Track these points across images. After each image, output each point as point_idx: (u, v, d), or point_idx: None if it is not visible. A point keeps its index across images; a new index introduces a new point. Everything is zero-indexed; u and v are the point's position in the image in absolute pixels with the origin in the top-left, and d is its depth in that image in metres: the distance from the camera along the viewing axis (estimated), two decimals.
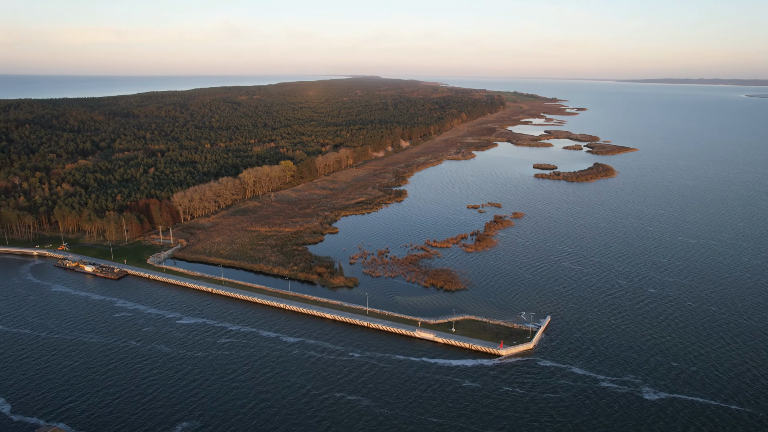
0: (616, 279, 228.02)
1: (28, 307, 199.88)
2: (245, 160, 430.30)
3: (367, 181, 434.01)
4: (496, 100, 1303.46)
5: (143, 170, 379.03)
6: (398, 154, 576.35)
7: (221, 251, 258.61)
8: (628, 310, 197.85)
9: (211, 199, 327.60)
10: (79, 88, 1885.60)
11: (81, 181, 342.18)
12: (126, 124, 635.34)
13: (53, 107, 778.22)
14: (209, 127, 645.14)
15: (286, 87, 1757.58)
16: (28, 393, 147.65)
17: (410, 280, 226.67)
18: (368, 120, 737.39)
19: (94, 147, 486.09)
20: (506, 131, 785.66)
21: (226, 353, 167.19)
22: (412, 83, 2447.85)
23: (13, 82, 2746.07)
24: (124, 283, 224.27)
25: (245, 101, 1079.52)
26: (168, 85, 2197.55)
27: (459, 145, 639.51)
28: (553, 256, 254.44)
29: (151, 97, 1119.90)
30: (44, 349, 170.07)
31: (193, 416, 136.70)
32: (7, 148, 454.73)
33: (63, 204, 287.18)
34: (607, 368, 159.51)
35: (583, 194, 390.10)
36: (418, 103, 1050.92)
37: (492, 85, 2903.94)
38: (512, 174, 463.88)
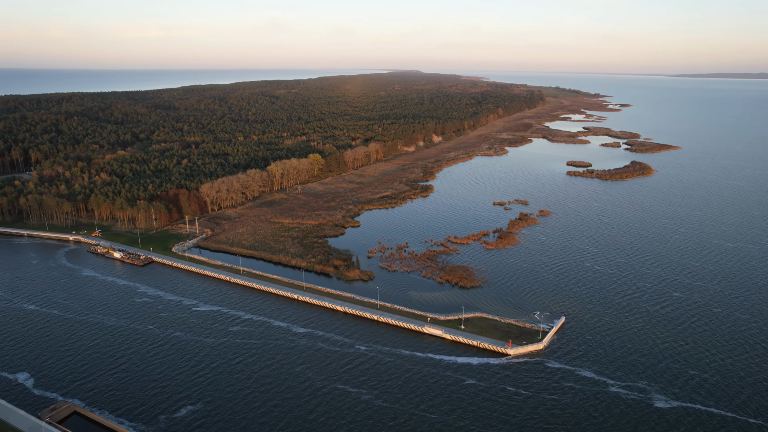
0: (639, 281, 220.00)
1: (59, 289, 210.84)
2: (275, 153, 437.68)
3: (395, 175, 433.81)
4: (536, 95, 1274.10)
5: (176, 161, 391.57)
6: (429, 149, 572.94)
7: (243, 241, 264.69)
8: (648, 314, 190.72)
9: (238, 191, 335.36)
10: (127, 82, 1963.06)
11: (118, 170, 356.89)
12: (166, 117, 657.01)
13: (101, 100, 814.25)
14: (245, 120, 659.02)
15: (325, 81, 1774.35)
16: (50, 369, 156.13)
17: (426, 276, 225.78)
18: (402, 114, 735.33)
19: (133, 138, 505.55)
20: (543, 127, 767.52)
21: (236, 341, 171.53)
22: (452, 78, 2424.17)
23: (69, 77, 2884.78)
24: (149, 269, 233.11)
25: (283, 95, 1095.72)
26: (211, 78, 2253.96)
27: (492, 140, 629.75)
28: (575, 256, 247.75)
29: (194, 91, 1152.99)
30: (68, 329, 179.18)
31: (198, 400, 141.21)
32: (56, 138, 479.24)
33: (99, 192, 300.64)
34: (619, 373, 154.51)
35: (615, 193, 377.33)
36: (455, 98, 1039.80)
37: (533, 80, 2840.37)
38: (543, 171, 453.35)
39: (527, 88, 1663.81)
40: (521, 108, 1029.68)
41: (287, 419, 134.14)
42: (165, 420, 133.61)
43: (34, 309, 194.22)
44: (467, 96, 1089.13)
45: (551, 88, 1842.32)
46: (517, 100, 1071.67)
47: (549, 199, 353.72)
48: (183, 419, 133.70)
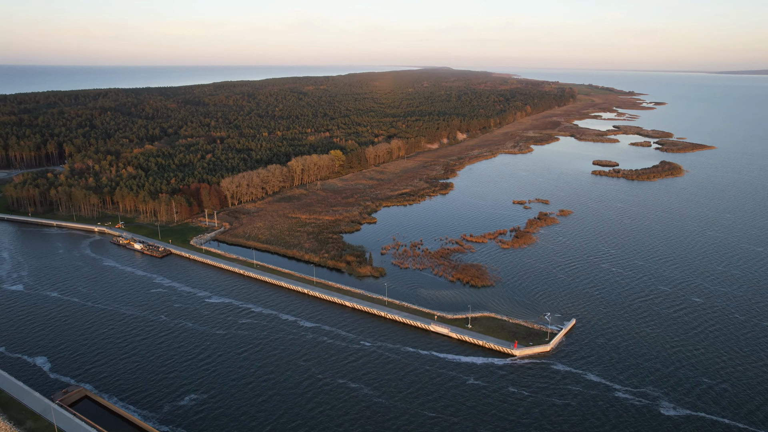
0: (657, 284, 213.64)
1: (80, 278, 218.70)
2: (298, 149, 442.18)
3: (416, 172, 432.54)
4: (567, 92, 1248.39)
5: (201, 156, 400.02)
6: (453, 147, 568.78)
7: (260, 236, 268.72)
8: (663, 319, 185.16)
9: (258, 186, 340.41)
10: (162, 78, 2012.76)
11: (144, 164, 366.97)
12: (195, 112, 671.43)
13: (135, 96, 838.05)
14: (271, 116, 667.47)
15: (355, 78, 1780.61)
16: (65, 354, 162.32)
17: (437, 274, 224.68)
18: (427, 111, 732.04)
19: (162, 133, 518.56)
20: (571, 125, 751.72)
21: (243, 333, 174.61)
22: (482, 75, 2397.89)
23: (108, 73, 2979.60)
24: (167, 261, 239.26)
25: (311, 91, 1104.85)
26: (242, 74, 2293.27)
27: (518, 138, 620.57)
28: (592, 257, 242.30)
29: (224, 87, 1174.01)
30: (86, 316, 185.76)
31: (201, 389, 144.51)
32: (89, 133, 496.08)
33: (124, 185, 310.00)
34: (627, 378, 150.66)
35: (640, 193, 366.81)
36: (483, 95, 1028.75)
37: (566, 77, 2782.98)
38: (568, 170, 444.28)
39: (558, 85, 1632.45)
40: (551, 106, 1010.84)
41: (285, 410, 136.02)
42: (169, 407, 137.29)
43: (56, 296, 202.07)
44: (496, 93, 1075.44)
45: (583, 85, 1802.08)
46: (546, 97, 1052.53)
47: (571, 199, 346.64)
48: (186, 407, 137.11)
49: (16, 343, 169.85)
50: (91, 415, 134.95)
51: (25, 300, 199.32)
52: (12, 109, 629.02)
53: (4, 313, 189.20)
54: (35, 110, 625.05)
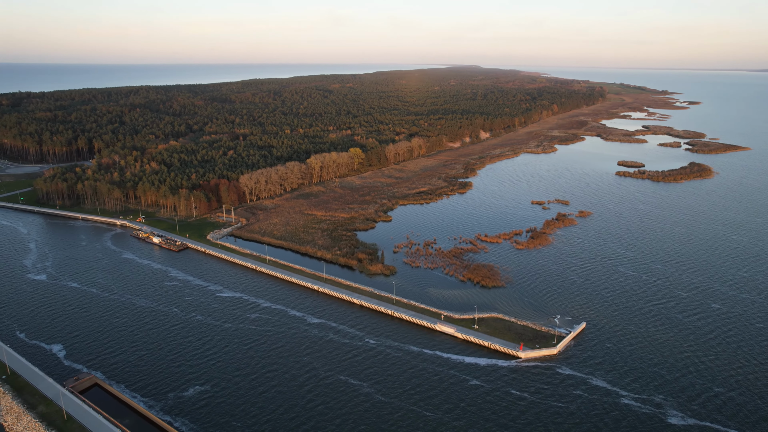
0: (675, 289, 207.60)
1: (100, 269, 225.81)
2: (318, 146, 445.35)
3: (435, 171, 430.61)
4: (596, 91, 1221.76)
5: (223, 152, 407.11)
6: (475, 146, 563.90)
7: (275, 232, 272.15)
8: (677, 324, 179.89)
9: (276, 182, 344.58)
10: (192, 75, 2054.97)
11: (167, 160, 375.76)
12: (221, 109, 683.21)
13: (165, 93, 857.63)
14: (295, 114, 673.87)
15: (381, 76, 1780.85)
16: (80, 343, 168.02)
17: (448, 273, 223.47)
18: (451, 110, 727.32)
19: (187, 129, 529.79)
20: (598, 125, 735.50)
21: (251, 327, 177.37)
22: (511, 73, 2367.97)
23: (141, 71, 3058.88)
24: (183, 255, 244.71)
25: (337, 89, 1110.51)
26: (271, 72, 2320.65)
27: (542, 138, 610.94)
28: (608, 259, 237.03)
29: (252, 84, 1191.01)
30: (102, 306, 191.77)
31: (206, 381, 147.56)
32: (118, 129, 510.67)
33: (146, 180, 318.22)
34: (635, 384, 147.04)
35: (665, 195, 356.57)
36: (509, 93, 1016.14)
37: (597, 75, 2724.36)
38: (591, 170, 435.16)
39: (588, 84, 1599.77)
40: (578, 105, 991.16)
41: (284, 403, 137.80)
42: (173, 397, 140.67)
43: (76, 286, 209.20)
44: (523, 92, 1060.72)
45: (615, 84, 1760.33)
46: (574, 96, 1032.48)
47: (591, 200, 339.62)
48: (189, 398, 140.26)
49: (35, 330, 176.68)
50: (100, 402, 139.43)
51: (47, 289, 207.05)
52: (49, 106, 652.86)
53: (27, 301, 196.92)
54: (70, 107, 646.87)
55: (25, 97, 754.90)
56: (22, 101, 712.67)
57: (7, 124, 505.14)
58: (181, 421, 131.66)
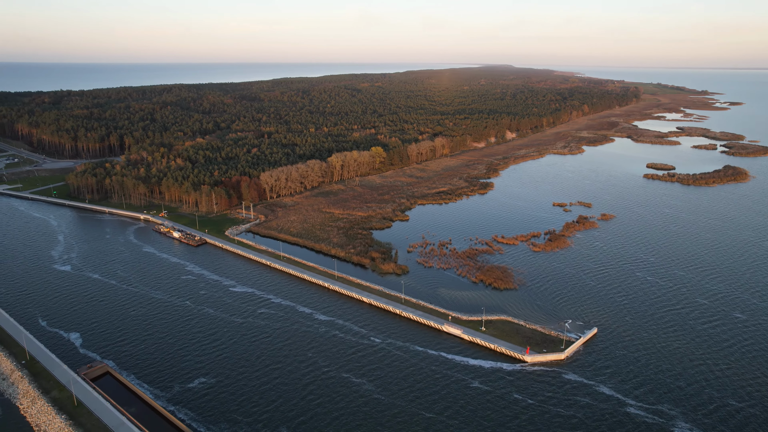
0: (695, 297, 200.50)
1: (120, 262, 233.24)
2: (341, 145, 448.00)
3: (457, 171, 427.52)
4: (630, 92, 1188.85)
5: (247, 150, 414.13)
6: (500, 146, 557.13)
7: (292, 229, 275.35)
8: (694, 333, 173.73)
9: (296, 180, 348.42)
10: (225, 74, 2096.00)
11: (193, 156, 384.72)
12: (249, 108, 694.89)
13: (196, 91, 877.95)
14: (321, 112, 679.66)
15: (411, 75, 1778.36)
16: (96, 332, 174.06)
17: (461, 274, 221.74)
18: (478, 110, 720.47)
19: (215, 127, 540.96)
20: (629, 126, 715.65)
21: (260, 322, 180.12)
22: (544, 73, 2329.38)
23: (178, 69, 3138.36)
24: (201, 250, 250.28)
25: (366, 88, 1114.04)
26: (302, 71, 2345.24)
27: (569, 138, 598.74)
28: (627, 264, 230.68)
29: (282, 83, 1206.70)
30: (120, 297, 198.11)
31: (210, 373, 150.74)
32: (149, 126, 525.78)
33: (170, 176, 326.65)
34: (643, 393, 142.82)
35: (694, 199, 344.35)
36: (539, 93, 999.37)
37: (633, 75, 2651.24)
38: (617, 172, 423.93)
39: (623, 84, 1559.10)
40: (611, 105, 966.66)
41: (284, 398, 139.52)
42: (178, 388, 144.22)
43: (97, 277, 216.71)
44: (554, 92, 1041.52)
45: (651, 84, 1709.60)
46: (607, 97, 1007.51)
47: (615, 203, 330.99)
48: (193, 389, 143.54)
49: (56, 318, 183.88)
50: (110, 389, 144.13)
51: (70, 279, 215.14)
52: (86, 104, 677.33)
53: (51, 290, 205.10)
54: (106, 105, 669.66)
55: (66, 95, 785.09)
56: (63, 99, 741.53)
57: (46, 121, 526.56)
58: (184, 412, 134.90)
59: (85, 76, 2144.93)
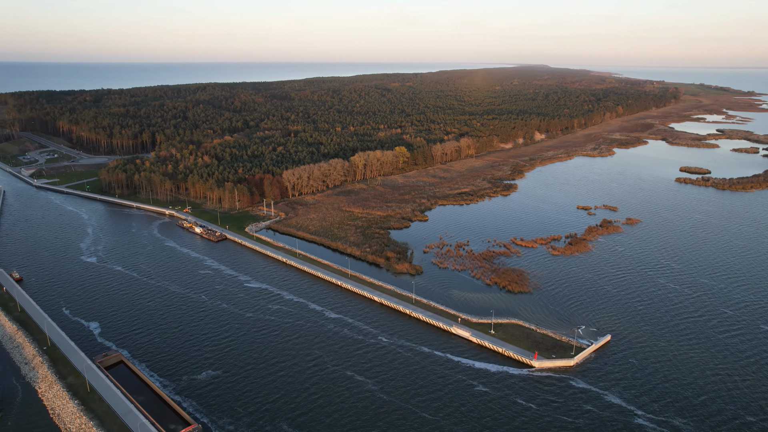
0: (719, 306, 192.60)
1: (143, 255, 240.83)
2: (366, 144, 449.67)
3: (481, 172, 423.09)
4: (669, 92, 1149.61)
5: (272, 148, 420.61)
6: (528, 147, 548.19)
7: (310, 227, 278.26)
8: (715, 343, 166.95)
9: (318, 179, 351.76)
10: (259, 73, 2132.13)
11: (220, 154, 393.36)
12: (279, 106, 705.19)
13: (229, 90, 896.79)
14: (349, 112, 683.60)
15: (444, 75, 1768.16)
16: (114, 322, 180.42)
17: (475, 276, 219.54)
18: (508, 110, 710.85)
19: (244, 125, 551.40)
20: (666, 128, 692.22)
21: (270, 318, 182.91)
22: (579, 73, 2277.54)
23: (215, 68, 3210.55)
24: (221, 245, 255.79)
25: (396, 88, 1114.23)
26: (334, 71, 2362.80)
27: (600, 140, 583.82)
28: (649, 270, 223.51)
29: (313, 82, 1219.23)
30: (139, 289, 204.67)
31: (218, 366, 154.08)
32: (180, 124, 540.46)
33: (196, 173, 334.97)
34: (653, 404, 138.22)
35: (728, 205, 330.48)
36: (573, 94, 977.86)
37: (675, 75, 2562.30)
38: (648, 176, 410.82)
39: (662, 84, 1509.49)
40: (647, 107, 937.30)
41: (287, 393, 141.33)
42: (186, 380, 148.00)
43: (120, 270, 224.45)
44: (588, 92, 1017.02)
45: (693, 85, 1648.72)
46: (643, 98, 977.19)
47: (642, 207, 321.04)
48: (200, 381, 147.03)
49: (79, 307, 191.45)
50: (122, 378, 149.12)
51: (95, 271, 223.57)
52: (124, 102, 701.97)
53: (77, 281, 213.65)
54: (142, 103, 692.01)
55: (106, 93, 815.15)
56: (103, 97, 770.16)
57: (85, 118, 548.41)
58: (189, 402, 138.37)
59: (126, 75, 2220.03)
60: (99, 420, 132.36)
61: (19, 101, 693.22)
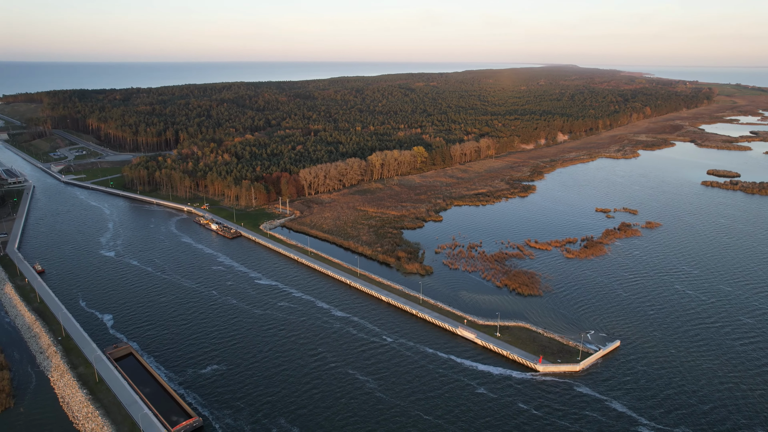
0: (738, 314, 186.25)
1: (159, 250, 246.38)
2: (384, 144, 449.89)
3: (500, 173, 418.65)
4: (702, 93, 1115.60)
5: (292, 147, 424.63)
6: (549, 148, 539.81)
7: (324, 225, 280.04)
8: (728, 352, 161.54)
9: (335, 178, 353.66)
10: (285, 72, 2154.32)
11: (240, 152, 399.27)
12: (301, 106, 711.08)
13: (254, 89, 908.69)
14: (371, 111, 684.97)
15: (469, 75, 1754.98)
16: (126, 314, 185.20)
17: (485, 278, 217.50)
18: (531, 111, 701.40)
19: (266, 124, 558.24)
20: (696, 130, 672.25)
21: (277, 314, 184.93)
22: (609, 73, 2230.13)
23: (243, 68, 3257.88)
24: (235, 242, 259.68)
25: (420, 88, 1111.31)
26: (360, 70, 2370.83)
27: (626, 142, 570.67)
28: (666, 276, 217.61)
29: (338, 82, 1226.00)
30: (153, 284, 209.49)
31: (222, 360, 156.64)
32: (204, 122, 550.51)
33: (215, 171, 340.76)
34: (658, 413, 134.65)
35: (756, 209, 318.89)
36: (600, 94, 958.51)
37: (710, 75, 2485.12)
38: (672, 179, 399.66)
39: (696, 85, 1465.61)
40: (677, 108, 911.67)
41: (286, 388, 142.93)
42: (191, 373, 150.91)
43: (136, 264, 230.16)
44: (615, 93, 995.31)
45: (729, 85, 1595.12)
46: (673, 98, 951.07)
47: (664, 211, 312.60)
48: (205, 375, 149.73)
49: (94, 300, 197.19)
50: (130, 369, 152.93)
51: (112, 264, 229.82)
52: (151, 100, 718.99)
53: (94, 274, 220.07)
54: (169, 101, 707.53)
55: (135, 92, 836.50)
56: (132, 96, 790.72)
57: (113, 116, 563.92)
58: (192, 396, 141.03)
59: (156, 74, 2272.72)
60: (105, 409, 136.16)
61: (54, 99, 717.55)
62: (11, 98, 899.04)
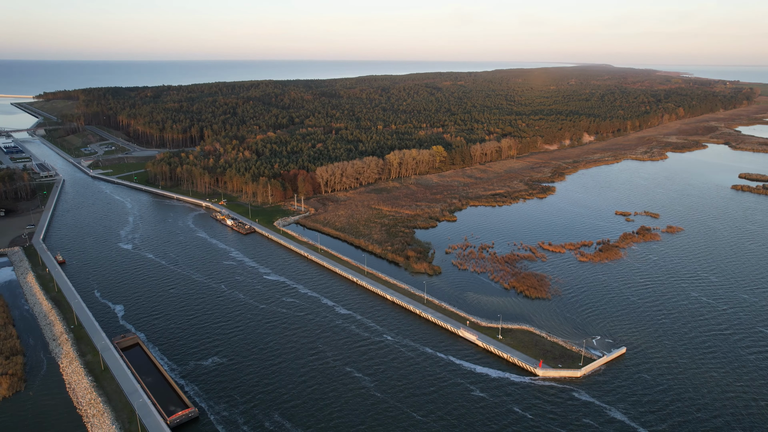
0: (756, 324, 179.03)
1: (174, 243, 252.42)
2: (405, 143, 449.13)
3: (520, 173, 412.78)
4: (742, 93, 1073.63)
5: (312, 144, 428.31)
6: (573, 149, 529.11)
7: (337, 223, 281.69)
8: (743, 364, 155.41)
9: (351, 176, 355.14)
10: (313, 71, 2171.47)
11: (260, 149, 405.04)
12: (326, 104, 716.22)
13: (281, 87, 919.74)
14: (395, 110, 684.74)
15: (498, 74, 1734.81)
16: (137, 305, 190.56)
17: (494, 279, 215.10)
18: (557, 111, 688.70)
19: (289, 122, 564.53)
20: (730, 132, 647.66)
21: (282, 310, 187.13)
22: (643, 73, 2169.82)
23: (273, 66, 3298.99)
24: (248, 238, 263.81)
25: (447, 87, 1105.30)
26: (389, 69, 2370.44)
27: (654, 143, 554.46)
28: (682, 282, 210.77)
29: (365, 80, 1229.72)
30: (165, 277, 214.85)
31: (224, 353, 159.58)
32: (229, 119, 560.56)
33: (234, 167, 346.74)
34: (659, 423, 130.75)
35: None
36: (631, 95, 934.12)
37: (753, 75, 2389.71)
38: (699, 182, 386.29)
39: (737, 85, 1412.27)
40: (714, 108, 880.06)
41: (282, 382, 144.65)
42: (193, 365, 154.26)
43: (151, 257, 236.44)
44: (648, 93, 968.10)
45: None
46: (710, 99, 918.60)
47: (687, 215, 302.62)
48: (206, 367, 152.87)
49: (108, 290, 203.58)
50: (135, 359, 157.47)
51: (129, 257, 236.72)
52: (180, 98, 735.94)
53: (111, 266, 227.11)
54: (197, 98, 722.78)
55: (166, 89, 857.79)
56: (162, 93, 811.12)
57: (142, 113, 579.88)
58: (191, 387, 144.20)
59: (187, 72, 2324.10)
60: (107, 396, 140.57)
61: (88, 96, 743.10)
62: (51, 95, 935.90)
